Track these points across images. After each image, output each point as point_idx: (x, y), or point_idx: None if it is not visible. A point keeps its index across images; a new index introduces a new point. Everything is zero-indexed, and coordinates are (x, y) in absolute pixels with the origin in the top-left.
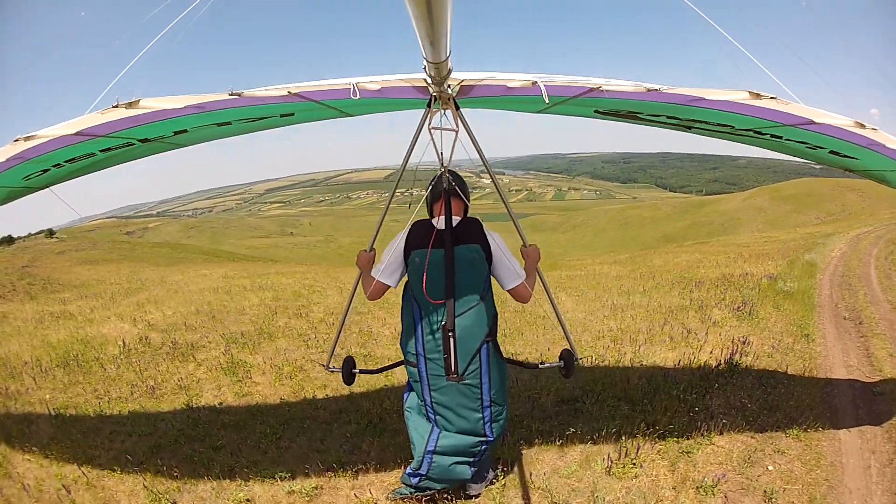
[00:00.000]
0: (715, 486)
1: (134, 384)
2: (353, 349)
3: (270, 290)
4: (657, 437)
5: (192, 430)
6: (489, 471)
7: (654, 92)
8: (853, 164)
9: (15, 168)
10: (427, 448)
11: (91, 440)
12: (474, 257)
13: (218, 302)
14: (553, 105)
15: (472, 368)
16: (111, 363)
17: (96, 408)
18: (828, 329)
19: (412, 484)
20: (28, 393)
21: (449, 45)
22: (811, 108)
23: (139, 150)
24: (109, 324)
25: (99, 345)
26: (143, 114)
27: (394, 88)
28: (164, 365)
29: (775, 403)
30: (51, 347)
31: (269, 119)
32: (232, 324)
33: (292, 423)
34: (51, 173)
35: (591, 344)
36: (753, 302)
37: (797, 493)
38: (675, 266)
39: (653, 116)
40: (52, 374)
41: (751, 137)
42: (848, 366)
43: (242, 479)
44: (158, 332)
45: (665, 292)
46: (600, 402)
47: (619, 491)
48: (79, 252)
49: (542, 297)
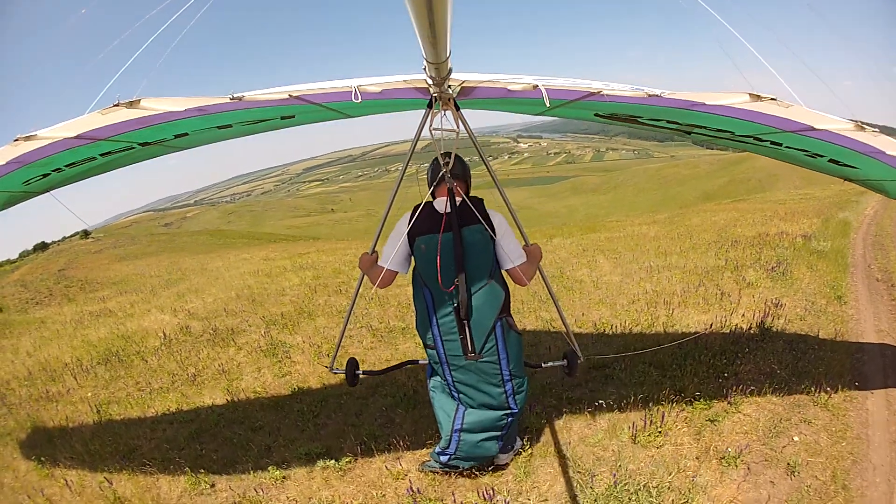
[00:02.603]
0: (738, 456)
1: (175, 373)
2: (393, 321)
3: (311, 269)
4: (684, 405)
5: (231, 413)
6: (516, 440)
7: (655, 97)
8: (853, 174)
9: (15, 172)
10: (454, 427)
11: (133, 431)
12: (479, 238)
13: (258, 285)
14: (553, 108)
15: (489, 346)
16: (152, 355)
17: (138, 400)
18: (860, 291)
19: (441, 462)
20: (69, 394)
21: (449, 46)
22: (811, 110)
23: (139, 153)
24: (150, 317)
25: (140, 339)
26: (144, 116)
27: (394, 90)
28: (204, 352)
29: (805, 370)
30: (91, 346)
31: (270, 121)
32: (272, 306)
33: (329, 399)
34: (51, 177)
35: (626, 308)
36: (788, 262)
37: (820, 467)
38: (713, 225)
39: (653, 120)
40: (93, 373)
41: (751, 144)
42: (879, 330)
43: (279, 457)
44: (199, 320)
45: (701, 253)
46: (630, 367)
47: (643, 460)
48: (116, 249)
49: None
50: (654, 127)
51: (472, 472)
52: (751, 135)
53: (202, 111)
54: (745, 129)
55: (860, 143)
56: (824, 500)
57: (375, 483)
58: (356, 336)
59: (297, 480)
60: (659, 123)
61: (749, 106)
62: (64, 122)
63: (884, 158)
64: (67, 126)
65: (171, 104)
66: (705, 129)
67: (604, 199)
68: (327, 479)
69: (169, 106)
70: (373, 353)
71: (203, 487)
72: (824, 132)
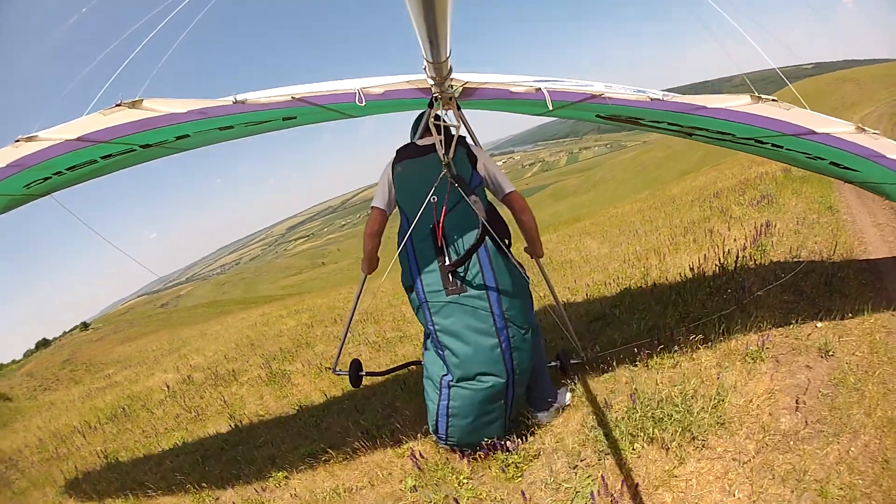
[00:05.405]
0: (761, 350)
1: (179, 415)
2: (389, 334)
3: (307, 312)
4: (691, 323)
5: (235, 437)
6: (556, 393)
7: (657, 101)
8: (854, 176)
9: (16, 176)
10: (440, 404)
11: (140, 468)
12: (457, 157)
13: (256, 334)
14: (555, 109)
15: (473, 272)
16: (157, 407)
17: (145, 444)
18: (851, 200)
19: (440, 444)
20: (79, 450)
21: (449, 46)
22: (812, 113)
23: (140, 155)
24: (154, 378)
25: (145, 396)
26: (145, 119)
27: (397, 91)
28: (207, 393)
29: (810, 269)
30: (98, 411)
31: (272, 122)
32: (271, 346)
33: (332, 406)
34: (52, 181)
35: (618, 269)
36: (772, 194)
37: (855, 344)
38: (693, 188)
39: (654, 122)
40: (101, 430)
41: (752, 146)
42: (877, 224)
43: (283, 462)
44: (201, 371)
45: (686, 210)
46: (630, 309)
47: (660, 380)
48: (117, 334)
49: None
50: (655, 129)
51: None
52: (752, 137)
53: (204, 114)
54: (746, 132)
55: (861, 147)
56: (870, 372)
57: (380, 464)
58: (354, 352)
59: (301, 478)
60: (660, 125)
61: (750, 109)
62: (65, 123)
63: (884, 162)
64: (69, 127)
65: (173, 106)
66: (706, 132)
67: (586, 198)
68: (331, 471)
69: (171, 108)
70: (373, 361)
71: (208, 502)
72: (824, 136)
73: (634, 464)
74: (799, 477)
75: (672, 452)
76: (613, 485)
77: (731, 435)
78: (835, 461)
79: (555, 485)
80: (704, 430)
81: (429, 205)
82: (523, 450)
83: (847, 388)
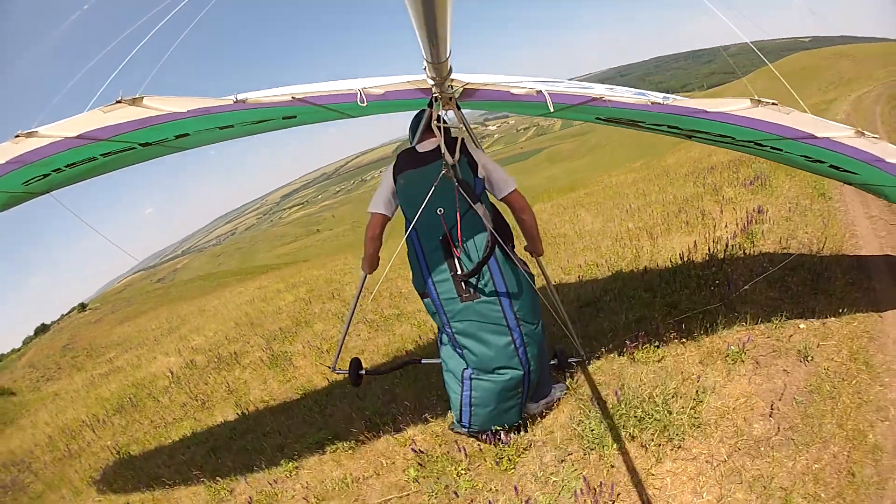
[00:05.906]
0: (742, 351)
1: (186, 403)
2: (387, 311)
3: (304, 286)
4: (678, 316)
5: (243, 425)
6: (550, 388)
7: (657, 105)
8: (854, 179)
9: (15, 172)
10: (462, 398)
11: (153, 462)
12: (459, 163)
13: (255, 311)
14: (556, 111)
15: (484, 280)
16: (163, 394)
17: (155, 436)
18: (845, 187)
19: (462, 432)
20: (90, 446)
21: (449, 46)
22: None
23: (140, 153)
24: (156, 362)
25: (149, 383)
26: (145, 117)
27: (397, 91)
28: (211, 378)
29: (798, 262)
30: (104, 401)
31: (271, 121)
32: (271, 324)
33: (334, 391)
34: (51, 178)
35: (611, 247)
36: (766, 175)
37: (835, 349)
38: (688, 160)
39: (654, 125)
40: (109, 423)
41: (752, 148)
42: (870, 216)
43: (291, 452)
44: (203, 353)
45: (679, 185)
46: (620, 296)
47: (644, 375)
48: (115, 314)
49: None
50: (655, 131)
51: None
52: (752, 140)
53: (205, 113)
54: (746, 135)
55: (861, 151)
56: (847, 380)
57: (384, 453)
58: (353, 331)
59: (310, 468)
60: (660, 128)
61: (750, 113)
62: (65, 119)
63: (883, 166)
64: (69, 123)
65: (174, 105)
66: (707, 134)
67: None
68: (338, 461)
69: (172, 106)
70: (371, 343)
71: (223, 495)
72: (824, 140)
73: (615, 461)
74: (765, 484)
75: (650, 452)
76: (595, 481)
77: (706, 437)
78: (802, 470)
79: (544, 478)
80: (682, 431)
81: (437, 215)
82: (515, 442)
83: (822, 396)
